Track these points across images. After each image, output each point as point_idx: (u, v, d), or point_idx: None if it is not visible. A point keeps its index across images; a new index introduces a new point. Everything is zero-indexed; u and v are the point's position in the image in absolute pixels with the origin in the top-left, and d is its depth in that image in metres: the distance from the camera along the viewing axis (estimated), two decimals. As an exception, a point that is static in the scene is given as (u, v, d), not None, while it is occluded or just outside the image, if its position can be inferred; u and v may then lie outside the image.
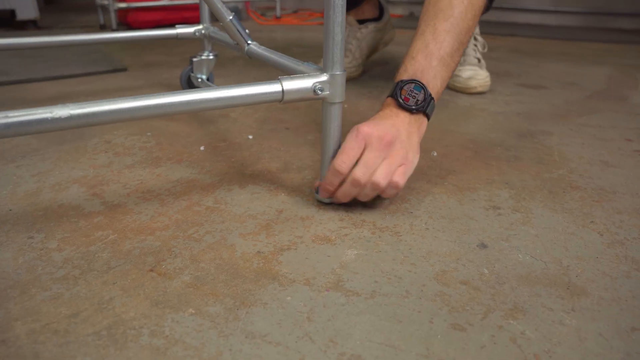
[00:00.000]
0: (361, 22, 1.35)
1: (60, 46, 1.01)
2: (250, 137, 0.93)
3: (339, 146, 0.64)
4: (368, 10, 1.36)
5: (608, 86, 1.37)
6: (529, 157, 0.85)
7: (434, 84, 0.68)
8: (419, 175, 0.76)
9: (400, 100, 0.66)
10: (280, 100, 0.59)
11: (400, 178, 0.62)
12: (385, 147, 0.62)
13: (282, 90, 0.59)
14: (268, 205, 0.67)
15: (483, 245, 0.59)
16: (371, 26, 1.35)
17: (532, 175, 0.78)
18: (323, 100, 0.62)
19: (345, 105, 1.13)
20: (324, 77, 0.60)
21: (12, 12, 2.24)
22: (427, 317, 0.47)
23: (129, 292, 0.50)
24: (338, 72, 0.60)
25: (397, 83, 0.67)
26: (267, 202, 0.68)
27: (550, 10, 2.68)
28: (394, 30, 1.45)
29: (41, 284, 0.51)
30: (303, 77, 0.60)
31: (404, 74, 0.68)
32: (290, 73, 0.63)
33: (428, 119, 0.69)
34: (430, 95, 0.67)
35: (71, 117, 0.48)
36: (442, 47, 0.69)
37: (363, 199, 0.65)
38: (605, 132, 0.99)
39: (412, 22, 0.76)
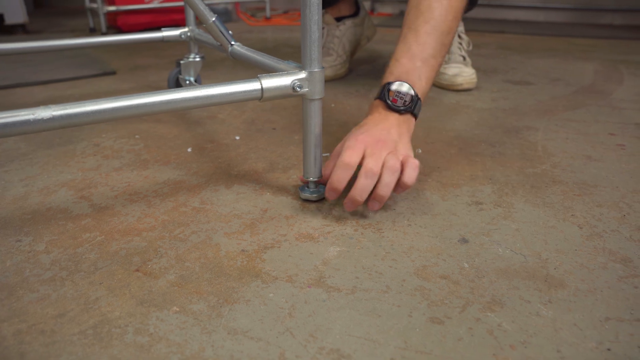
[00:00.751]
0: (338, 20, 1.38)
1: (49, 51, 1.02)
2: (238, 137, 0.94)
3: (321, 142, 0.66)
4: (344, 8, 1.39)
5: (594, 81, 1.38)
6: (513, 152, 0.87)
7: (420, 85, 0.70)
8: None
9: (389, 102, 0.68)
10: (260, 98, 0.60)
11: (413, 171, 0.63)
12: (384, 147, 0.64)
13: (262, 88, 0.60)
14: (253, 205, 0.68)
15: (464, 240, 0.60)
16: (348, 22, 1.37)
17: (516, 170, 0.79)
18: (303, 97, 0.63)
19: (333, 105, 1.14)
20: (302, 75, 0.61)
21: (1, 17, 2.24)
22: (406, 311, 0.48)
23: (115, 291, 0.51)
24: (316, 69, 0.61)
25: (384, 85, 0.70)
26: (253, 202, 0.69)
27: (539, 7, 2.70)
28: (374, 26, 1.47)
29: (28, 286, 0.52)
30: (282, 75, 0.61)
31: (390, 77, 0.71)
32: (271, 72, 0.64)
33: (415, 118, 0.71)
34: (416, 95, 0.69)
35: (54, 118, 0.49)
36: (424, 49, 0.71)
37: (384, 190, 0.62)
38: (589, 126, 1.00)
39: (400, 20, 0.78)
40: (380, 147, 0.64)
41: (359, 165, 0.63)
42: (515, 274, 0.54)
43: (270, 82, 0.60)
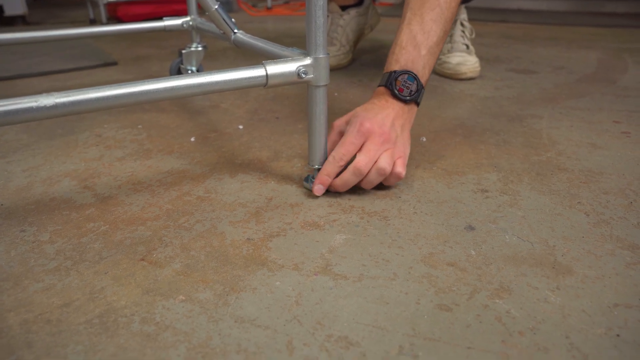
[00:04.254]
0: (343, 8, 1.37)
1: (50, 41, 1.01)
2: (241, 127, 0.94)
3: (326, 130, 0.66)
4: None
5: (597, 69, 1.37)
6: (517, 140, 0.86)
7: (423, 73, 0.71)
8: (408, 160, 0.77)
9: (396, 91, 0.68)
10: (265, 85, 0.60)
11: (402, 168, 0.66)
12: (384, 142, 0.65)
13: (266, 75, 0.59)
14: (258, 194, 0.68)
15: (470, 228, 0.60)
16: (353, 12, 1.36)
17: (521, 158, 0.79)
18: (308, 83, 0.62)
19: (336, 94, 1.13)
20: (307, 61, 0.61)
21: (0, 8, 2.23)
22: (414, 298, 0.48)
23: (120, 281, 0.50)
24: (321, 55, 0.61)
25: (391, 73, 0.69)
26: (257, 191, 0.69)
27: (542, -5, 2.68)
28: (378, 15, 1.45)
29: (34, 276, 0.51)
30: (287, 61, 0.60)
31: (396, 65, 0.70)
32: (276, 59, 0.64)
33: (417, 106, 0.71)
34: (422, 85, 0.70)
35: (56, 106, 0.48)
36: (429, 36, 0.71)
37: (367, 186, 0.66)
38: (593, 114, 1.00)
39: (402, 10, 0.77)
40: (379, 143, 0.64)
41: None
42: (522, 260, 0.53)
43: (275, 69, 0.59)
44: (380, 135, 0.65)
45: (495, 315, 0.45)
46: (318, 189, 0.66)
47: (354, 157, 0.65)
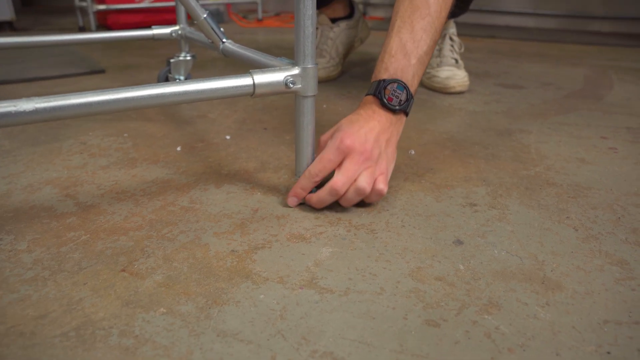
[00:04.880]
0: (333, 21, 1.38)
1: (37, 47, 0.99)
2: (228, 137, 0.93)
3: (313, 141, 0.65)
4: (339, 9, 1.38)
5: (584, 86, 1.39)
6: (506, 155, 0.86)
7: (413, 83, 0.69)
8: (396, 173, 0.76)
9: (384, 100, 0.66)
10: (252, 94, 0.59)
11: (384, 185, 0.64)
12: (365, 160, 0.63)
13: (254, 84, 0.58)
14: (244, 205, 0.67)
15: (459, 242, 0.59)
16: (343, 24, 1.36)
17: (509, 172, 0.79)
18: (295, 93, 0.61)
19: (324, 106, 1.13)
20: (295, 71, 0.60)
21: (-12, 14, 2.21)
22: (402, 313, 0.47)
23: (100, 292, 0.49)
24: (310, 65, 0.60)
25: (380, 82, 0.67)
26: (243, 202, 0.68)
27: (530, 13, 2.72)
28: (368, 28, 1.46)
29: (8, 286, 0.50)
30: (275, 71, 0.59)
31: (385, 73, 0.68)
32: (264, 68, 0.63)
33: (406, 117, 0.70)
34: (411, 95, 0.68)
35: (37, 111, 0.47)
36: (419, 45, 0.69)
37: (346, 204, 0.65)
38: (581, 130, 1.00)
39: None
40: (360, 161, 0.62)
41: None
42: (511, 276, 0.52)
43: (262, 78, 0.58)
44: (360, 153, 0.62)
45: (484, 331, 0.45)
46: (291, 200, 0.66)
47: (334, 172, 0.64)
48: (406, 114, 0.69)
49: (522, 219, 0.64)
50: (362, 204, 0.67)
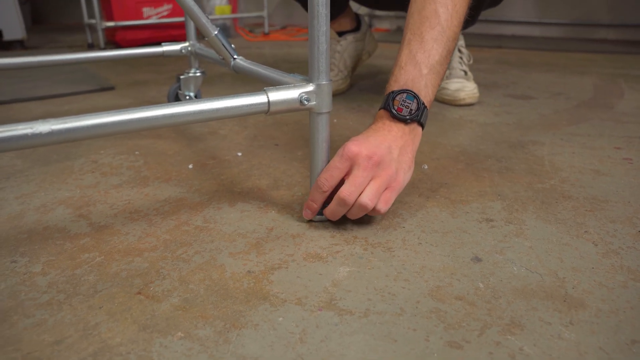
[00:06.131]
0: (340, 34, 1.38)
1: (47, 66, 1.00)
2: (240, 154, 0.92)
3: (327, 157, 0.64)
4: (345, 23, 1.38)
5: (594, 95, 1.38)
6: (520, 167, 0.85)
7: (426, 92, 0.67)
8: (410, 189, 0.76)
9: (394, 111, 0.65)
10: (267, 112, 0.58)
11: (384, 205, 0.62)
12: (373, 166, 0.61)
13: (268, 101, 0.58)
14: (258, 224, 0.66)
15: (477, 259, 0.58)
16: (350, 37, 1.37)
17: (524, 186, 0.78)
18: (310, 110, 0.61)
19: (335, 120, 1.12)
20: (310, 87, 0.60)
21: (-1, 33, 2.23)
22: (423, 335, 0.46)
23: (116, 316, 0.48)
24: (324, 82, 0.60)
25: (389, 94, 0.66)
26: (257, 220, 0.67)
27: (535, 22, 2.72)
28: (375, 41, 1.46)
29: (24, 311, 0.49)
30: (289, 88, 0.59)
31: (395, 85, 0.67)
32: (277, 85, 0.63)
33: (422, 128, 0.68)
34: (423, 103, 0.66)
35: (52, 133, 0.46)
36: (430, 55, 0.68)
37: (352, 217, 0.64)
38: (594, 140, 0.99)
39: (399, 36, 0.77)
40: (368, 167, 0.61)
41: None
42: (532, 294, 0.52)
43: (277, 95, 0.58)
44: (368, 158, 0.61)
45: (508, 352, 0.44)
46: (305, 213, 0.65)
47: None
48: (420, 124, 0.67)
49: (540, 234, 0.63)
50: (377, 219, 0.66)
